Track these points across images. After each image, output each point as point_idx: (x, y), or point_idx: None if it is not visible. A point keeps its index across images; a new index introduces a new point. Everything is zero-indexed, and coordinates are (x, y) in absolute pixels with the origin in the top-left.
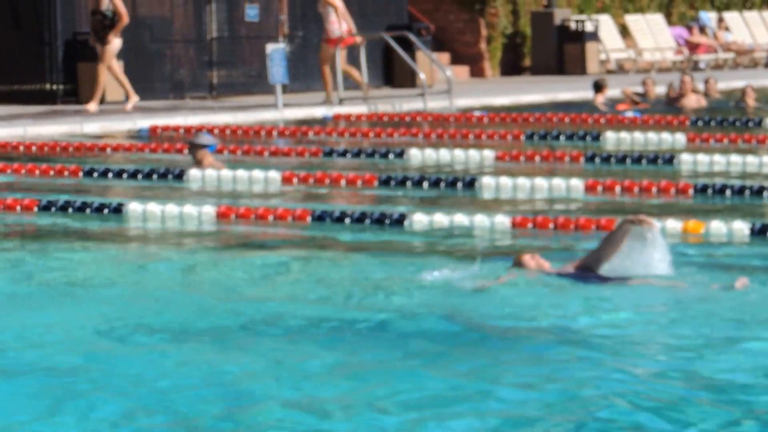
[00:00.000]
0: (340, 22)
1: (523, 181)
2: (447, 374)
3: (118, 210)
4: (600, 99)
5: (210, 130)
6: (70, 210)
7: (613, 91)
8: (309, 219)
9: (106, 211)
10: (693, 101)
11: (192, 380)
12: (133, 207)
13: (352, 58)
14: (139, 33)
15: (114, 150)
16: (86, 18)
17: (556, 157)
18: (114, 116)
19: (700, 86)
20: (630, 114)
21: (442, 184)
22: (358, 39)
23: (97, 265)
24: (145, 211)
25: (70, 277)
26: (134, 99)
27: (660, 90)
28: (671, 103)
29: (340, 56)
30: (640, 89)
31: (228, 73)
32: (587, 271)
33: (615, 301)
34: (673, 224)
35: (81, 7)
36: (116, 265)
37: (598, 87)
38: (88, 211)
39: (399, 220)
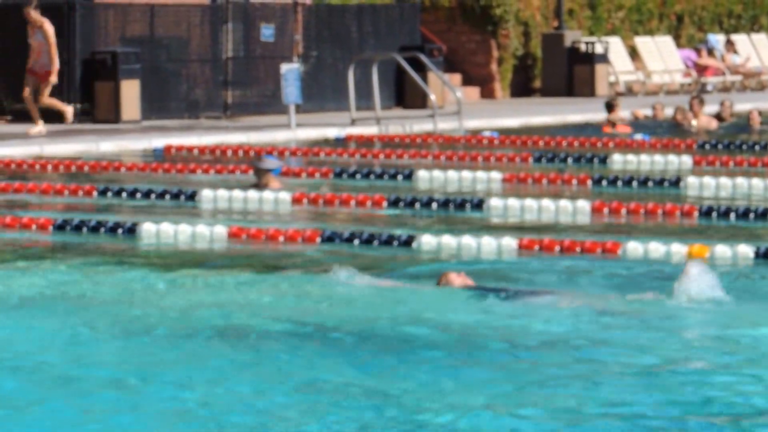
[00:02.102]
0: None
1: (530, 203)
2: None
3: (132, 230)
4: (613, 118)
5: (227, 150)
6: (85, 229)
7: (622, 113)
8: (318, 240)
9: (120, 230)
10: (704, 123)
11: (198, 393)
12: (147, 226)
13: (366, 78)
14: (156, 52)
15: (128, 169)
16: (105, 38)
17: (563, 180)
18: (129, 135)
19: (714, 108)
20: (638, 137)
21: (451, 206)
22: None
23: (110, 283)
24: (158, 230)
25: (84, 294)
26: None
27: (669, 112)
28: (681, 125)
29: (47, 90)
30: (649, 112)
31: (242, 92)
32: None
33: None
34: (678, 248)
35: (100, 27)
36: (129, 284)
37: (610, 107)
38: (102, 230)
39: (407, 242)
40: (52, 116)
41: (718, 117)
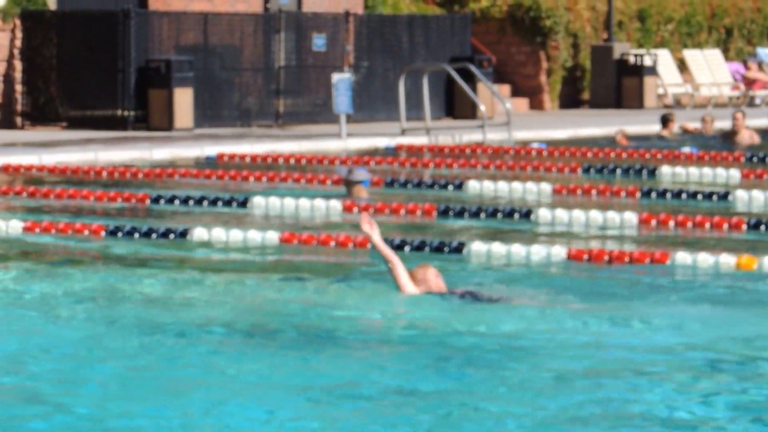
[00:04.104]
0: None
1: (578, 215)
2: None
3: (183, 235)
4: (666, 133)
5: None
6: (137, 235)
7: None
8: (369, 246)
9: (172, 236)
10: (746, 137)
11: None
12: (199, 232)
13: (416, 88)
14: (210, 61)
15: (181, 176)
16: (159, 46)
17: (612, 191)
18: (182, 143)
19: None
20: (686, 149)
21: (500, 216)
22: None
23: (160, 288)
24: (210, 236)
25: (136, 299)
26: None
27: (719, 125)
28: (724, 138)
29: None
30: (698, 125)
31: (294, 101)
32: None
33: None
34: (726, 259)
35: (154, 35)
36: (180, 288)
37: (666, 121)
38: (154, 236)
39: (458, 249)
40: (108, 123)
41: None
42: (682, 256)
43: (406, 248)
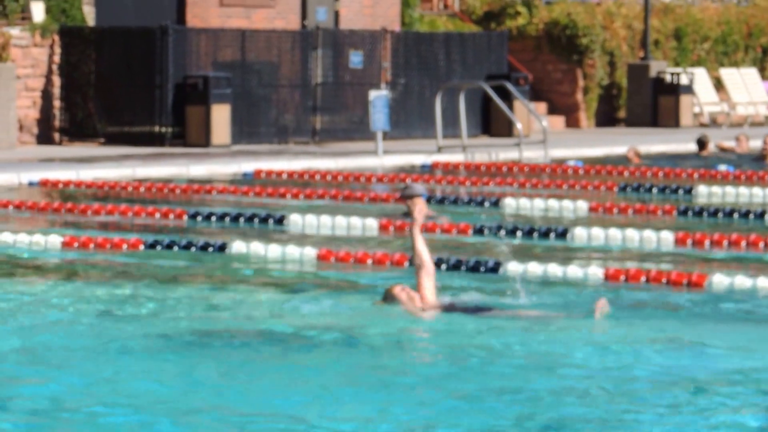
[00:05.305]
0: None
1: (614, 233)
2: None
3: (222, 249)
4: (704, 154)
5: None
6: (176, 249)
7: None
8: (407, 264)
9: (210, 249)
10: None
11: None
12: (237, 246)
13: (453, 105)
14: (247, 78)
15: (219, 192)
16: (197, 62)
17: (648, 210)
18: (219, 159)
19: None
20: (723, 168)
21: (536, 234)
22: None
23: (195, 302)
24: (248, 250)
25: (170, 313)
26: None
27: (753, 144)
28: (755, 161)
29: None
30: (733, 143)
31: (331, 118)
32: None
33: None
34: (764, 282)
35: (192, 51)
36: (215, 302)
37: (702, 144)
38: (193, 250)
39: (494, 268)
40: (145, 139)
41: None
42: (719, 278)
43: (443, 266)
